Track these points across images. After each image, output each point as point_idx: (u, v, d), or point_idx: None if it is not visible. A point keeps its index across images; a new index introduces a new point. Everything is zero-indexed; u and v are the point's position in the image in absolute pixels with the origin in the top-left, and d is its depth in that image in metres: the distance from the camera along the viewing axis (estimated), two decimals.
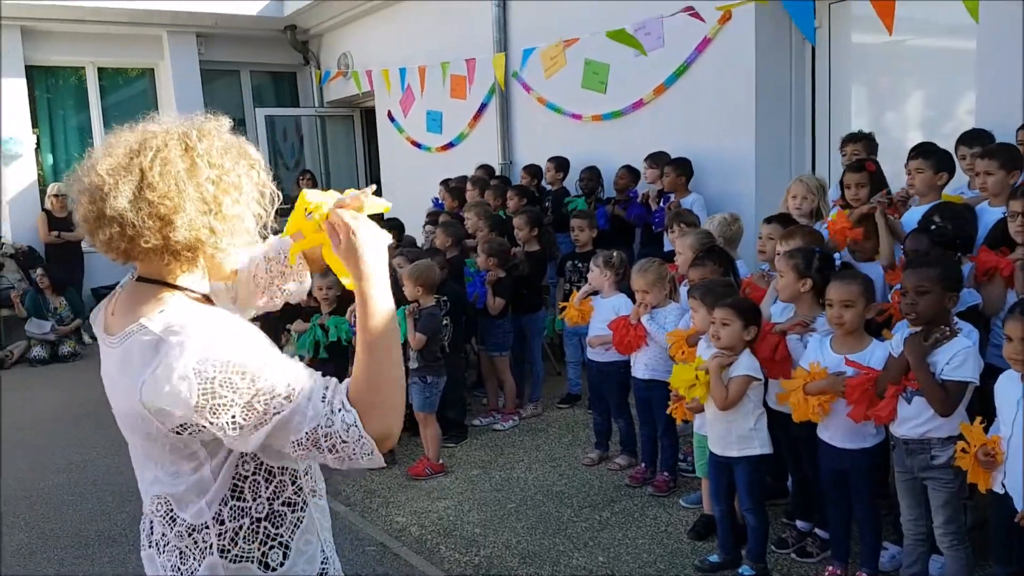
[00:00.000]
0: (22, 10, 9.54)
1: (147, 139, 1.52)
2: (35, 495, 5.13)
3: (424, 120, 9.40)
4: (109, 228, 1.48)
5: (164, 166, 1.49)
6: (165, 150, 1.50)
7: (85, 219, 1.52)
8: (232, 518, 1.55)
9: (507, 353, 5.88)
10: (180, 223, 1.48)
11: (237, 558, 1.56)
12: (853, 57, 5.81)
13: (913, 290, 3.09)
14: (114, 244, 1.51)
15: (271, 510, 1.59)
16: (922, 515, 3.22)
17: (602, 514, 4.33)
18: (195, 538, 1.56)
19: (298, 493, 1.63)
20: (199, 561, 1.56)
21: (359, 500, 4.77)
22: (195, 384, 1.40)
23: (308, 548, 1.64)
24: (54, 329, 9.03)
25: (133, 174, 1.48)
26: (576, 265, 5.94)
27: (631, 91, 6.80)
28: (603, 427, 5.07)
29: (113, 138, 1.56)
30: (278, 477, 1.59)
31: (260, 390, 1.41)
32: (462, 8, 8.58)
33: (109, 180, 1.48)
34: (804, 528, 3.83)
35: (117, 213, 1.46)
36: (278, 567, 1.59)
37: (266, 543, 1.58)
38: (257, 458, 1.57)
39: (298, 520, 1.62)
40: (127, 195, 1.46)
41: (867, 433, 3.31)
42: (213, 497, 1.54)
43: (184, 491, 1.55)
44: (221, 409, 1.41)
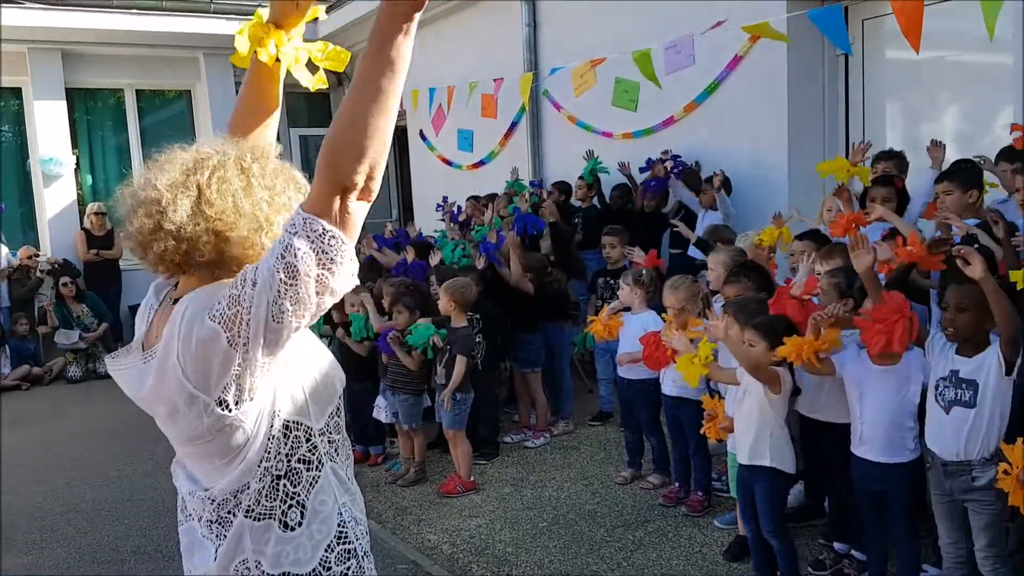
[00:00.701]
0: (62, 34, 9.78)
1: (203, 158, 1.58)
2: (72, 510, 5.20)
3: (455, 139, 9.47)
4: (165, 241, 1.53)
5: (221, 184, 1.55)
6: (222, 170, 1.56)
7: (140, 231, 1.56)
8: (261, 478, 1.59)
9: (539, 369, 5.88)
10: (235, 239, 1.55)
11: (260, 516, 1.60)
12: (887, 72, 5.76)
13: (954, 306, 3.06)
14: (168, 257, 1.56)
15: (289, 467, 1.61)
16: (962, 538, 3.16)
17: (636, 534, 4.30)
18: (238, 499, 1.60)
19: (312, 451, 1.65)
20: (232, 523, 1.60)
21: (391, 518, 4.78)
22: (210, 315, 1.46)
23: (323, 508, 1.66)
24: (82, 337, 9.18)
25: (191, 190, 1.54)
26: (608, 282, 5.93)
27: (662, 108, 6.80)
28: (635, 445, 5.03)
29: (166, 156, 1.61)
30: (293, 432, 1.62)
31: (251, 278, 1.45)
32: (493, 29, 8.66)
33: (167, 195, 1.53)
34: (841, 550, 3.76)
35: (175, 227, 1.52)
36: (296, 527, 1.62)
37: (285, 501, 1.61)
38: (280, 414, 1.59)
39: (313, 479, 1.64)
40: (186, 209, 1.52)
41: (905, 447, 3.26)
42: (252, 459, 1.57)
43: (226, 464, 1.59)
44: (235, 313, 1.44)
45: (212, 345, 1.46)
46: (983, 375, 3.01)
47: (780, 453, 3.51)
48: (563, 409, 6.06)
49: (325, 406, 1.69)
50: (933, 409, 3.16)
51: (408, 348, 5.15)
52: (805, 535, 4.00)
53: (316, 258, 1.41)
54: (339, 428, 1.74)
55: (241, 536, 1.60)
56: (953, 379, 3.08)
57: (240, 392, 1.51)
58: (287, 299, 1.42)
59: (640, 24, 6.84)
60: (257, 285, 1.43)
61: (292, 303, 1.43)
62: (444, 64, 9.41)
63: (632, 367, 4.78)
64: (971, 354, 3.06)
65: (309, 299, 1.44)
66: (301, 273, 1.41)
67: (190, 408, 1.51)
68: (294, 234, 1.40)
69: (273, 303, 1.42)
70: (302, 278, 1.41)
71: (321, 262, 1.41)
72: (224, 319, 1.45)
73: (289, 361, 1.61)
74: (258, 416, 1.56)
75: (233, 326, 1.44)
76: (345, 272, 1.45)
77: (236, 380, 1.49)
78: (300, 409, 1.63)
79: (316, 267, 1.41)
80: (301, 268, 1.40)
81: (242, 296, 1.44)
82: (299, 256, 1.40)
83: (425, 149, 10.23)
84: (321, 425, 1.68)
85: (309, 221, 1.40)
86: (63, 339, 9.15)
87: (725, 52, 6.05)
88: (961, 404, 3.04)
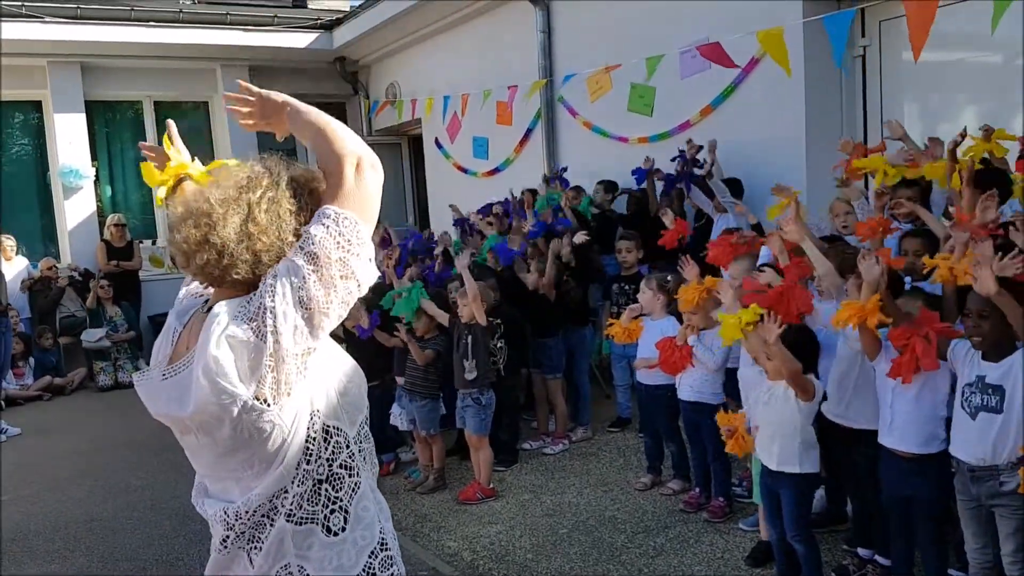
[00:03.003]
0: (82, 47, 9.88)
1: (256, 177, 1.62)
2: (95, 519, 5.23)
3: (470, 146, 9.49)
4: (208, 254, 1.56)
5: (271, 205, 1.59)
6: (274, 190, 1.60)
7: (187, 241, 1.58)
8: (301, 482, 1.59)
9: (560, 376, 5.87)
10: (266, 260, 1.57)
11: (302, 520, 1.60)
12: (904, 74, 5.73)
13: (977, 313, 3.01)
14: (209, 269, 1.58)
15: (331, 472, 1.62)
16: (988, 543, 3.11)
17: (656, 540, 4.28)
18: (274, 503, 1.60)
19: (352, 458, 1.66)
20: (273, 526, 1.60)
21: (411, 525, 4.78)
22: (235, 316, 1.51)
23: (366, 515, 1.67)
24: (108, 335, 9.28)
25: (241, 207, 1.57)
26: (623, 287, 5.91)
27: (678, 113, 6.79)
28: (654, 451, 5.01)
29: (221, 171, 1.67)
30: (334, 438, 1.63)
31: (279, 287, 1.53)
32: (507, 36, 8.68)
33: (219, 209, 1.57)
34: (865, 555, 3.72)
35: (220, 241, 1.55)
36: (340, 532, 1.63)
37: (328, 506, 1.62)
38: (319, 416, 1.61)
39: (355, 485, 1.66)
40: (235, 226, 1.56)
41: (936, 437, 3.23)
42: (291, 460, 1.58)
43: (266, 468, 1.59)
44: (258, 306, 1.50)
45: (241, 340, 1.48)
46: (1010, 381, 2.95)
47: (808, 458, 3.49)
48: (581, 415, 6.04)
49: (356, 414, 1.71)
50: (959, 415, 3.11)
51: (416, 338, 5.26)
52: (828, 540, 3.96)
53: (335, 241, 1.49)
54: (368, 437, 1.75)
55: (283, 540, 1.59)
56: (980, 385, 3.03)
57: (277, 386, 1.52)
58: (313, 284, 1.48)
59: (655, 29, 6.83)
60: (278, 277, 1.49)
61: (319, 288, 1.49)
62: (458, 72, 9.45)
63: (650, 373, 4.76)
64: (997, 359, 3.00)
65: (334, 283, 1.50)
66: (322, 258, 1.49)
67: (228, 409, 1.51)
68: (310, 225, 1.53)
69: (300, 288, 1.48)
70: (323, 262, 1.49)
71: (340, 244, 1.50)
72: (247, 314, 1.50)
73: (322, 366, 1.63)
74: (296, 415, 1.57)
75: (257, 318, 1.48)
76: (364, 252, 1.53)
77: (272, 372, 1.50)
78: (337, 414, 1.65)
79: (336, 250, 1.49)
80: (321, 253, 1.49)
81: (263, 291, 1.50)
82: (317, 242, 1.49)
83: (440, 157, 10.26)
84: (355, 433, 1.69)
85: (322, 209, 1.54)
86: (89, 337, 9.25)
87: (741, 55, 6.03)
88: (988, 410, 3.00)
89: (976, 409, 3.02)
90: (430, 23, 9.67)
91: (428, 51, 10.18)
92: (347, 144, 1.60)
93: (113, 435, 7.12)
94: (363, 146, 1.61)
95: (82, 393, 9.12)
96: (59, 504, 5.55)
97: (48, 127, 10.55)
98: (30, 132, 10.78)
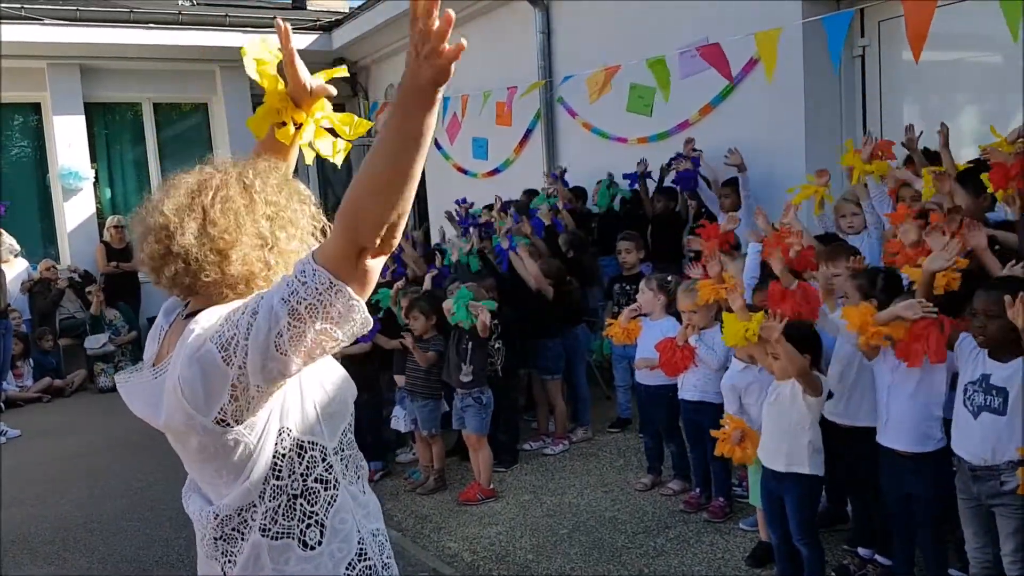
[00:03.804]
0: (81, 49, 9.88)
1: (206, 179, 1.61)
2: (95, 520, 5.23)
3: (470, 147, 9.49)
4: (174, 264, 1.57)
5: (224, 203, 1.57)
6: (225, 188, 1.59)
7: (151, 257, 1.60)
8: (272, 497, 1.59)
9: (559, 376, 5.87)
10: (235, 257, 1.57)
11: (278, 535, 1.59)
12: (904, 74, 5.73)
13: (983, 312, 2.99)
14: (179, 279, 1.59)
15: (305, 487, 1.61)
16: (989, 542, 3.11)
17: (657, 540, 4.27)
18: (243, 517, 1.59)
19: (329, 471, 1.65)
20: (245, 540, 1.60)
21: (411, 526, 4.77)
22: (209, 338, 1.46)
23: (343, 527, 1.65)
24: (112, 340, 9.29)
25: (196, 212, 1.57)
26: (624, 287, 5.92)
27: (677, 113, 6.78)
28: (654, 451, 5.01)
29: (172, 181, 1.65)
30: (308, 452, 1.62)
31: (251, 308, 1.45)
32: (507, 37, 8.67)
33: (174, 219, 1.56)
34: (866, 555, 3.73)
35: (183, 249, 1.55)
36: (316, 545, 1.61)
37: (303, 520, 1.61)
38: (291, 433, 1.59)
39: (331, 498, 1.64)
40: (192, 232, 1.55)
41: (931, 437, 3.23)
42: (258, 476, 1.57)
43: (233, 479, 1.59)
44: (232, 336, 1.43)
45: (208, 365, 1.45)
46: (1015, 383, 2.93)
47: (816, 459, 3.48)
48: (581, 416, 6.04)
49: (338, 423, 1.69)
50: (961, 413, 3.10)
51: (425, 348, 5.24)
52: (828, 540, 3.95)
53: (322, 311, 1.38)
54: (351, 443, 1.74)
55: (259, 555, 1.59)
56: (983, 384, 3.01)
57: (239, 411, 1.50)
58: (290, 336, 1.40)
59: (654, 30, 6.83)
60: (258, 315, 1.41)
61: (295, 342, 1.40)
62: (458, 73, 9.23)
63: (650, 373, 4.76)
64: (1005, 359, 2.98)
65: (313, 344, 1.42)
66: (305, 319, 1.38)
67: (189, 426, 1.52)
68: (303, 283, 1.38)
69: (277, 335, 1.40)
70: (307, 323, 1.39)
71: (328, 316, 1.39)
72: (221, 341, 1.44)
73: (301, 380, 1.61)
74: (263, 432, 1.56)
75: (229, 347, 1.43)
76: (351, 328, 1.43)
77: (233, 400, 1.48)
78: (313, 429, 1.63)
79: (321, 320, 1.38)
80: (305, 316, 1.38)
81: (240, 321, 1.43)
82: (303, 305, 1.38)
83: (440, 158, 10.25)
84: (335, 444, 1.68)
85: (318, 274, 1.37)
86: (92, 343, 9.26)
87: (741, 56, 6.03)
88: (991, 411, 2.98)
89: (979, 408, 3.01)
90: None
91: None
92: (391, 215, 1.36)
93: (113, 437, 7.11)
94: (404, 215, 1.39)
95: (82, 395, 9.13)
96: (59, 506, 5.55)
97: (47, 129, 10.55)
98: (29, 134, 10.78)
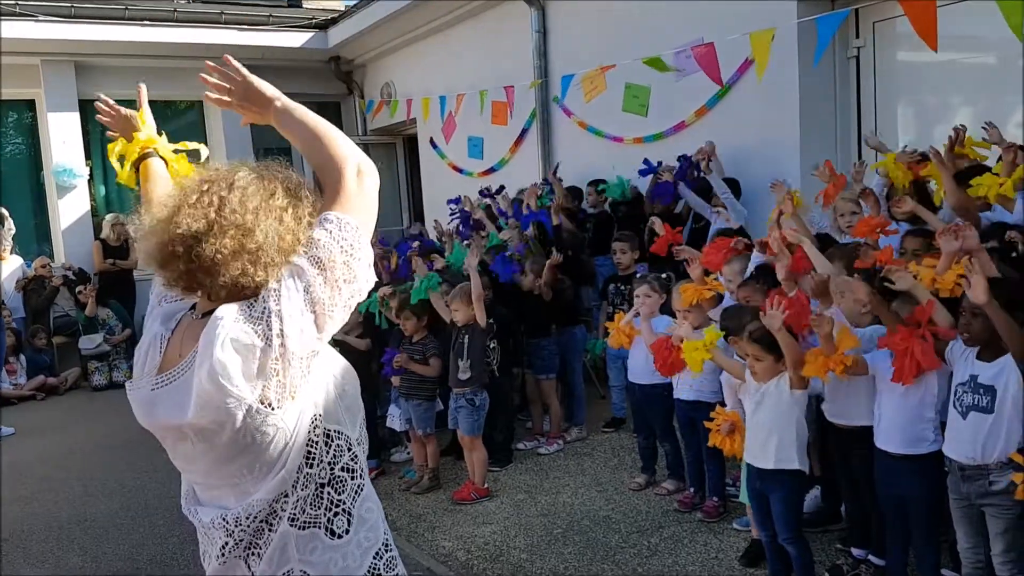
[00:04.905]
0: (75, 46, 9.85)
1: (267, 181, 1.61)
2: (89, 519, 5.22)
3: (466, 146, 9.49)
4: (240, 261, 1.53)
5: (296, 210, 1.60)
6: (283, 194, 1.62)
7: (220, 251, 1.54)
8: (303, 486, 1.58)
9: (554, 376, 5.88)
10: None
11: (306, 525, 1.59)
12: (899, 74, 5.74)
13: (969, 310, 3.02)
14: (242, 280, 1.54)
15: (332, 475, 1.61)
16: (980, 543, 3.12)
17: (651, 540, 4.28)
18: (273, 508, 1.58)
19: (354, 460, 1.66)
20: (274, 531, 1.58)
21: (405, 525, 4.78)
22: (235, 320, 1.48)
23: (370, 516, 1.66)
24: (106, 340, 9.28)
25: (274, 212, 1.57)
26: (619, 288, 5.92)
27: (673, 113, 6.80)
28: (649, 451, 5.02)
29: (229, 178, 1.61)
30: (335, 441, 1.63)
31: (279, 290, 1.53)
32: (503, 36, 8.67)
33: (252, 218, 1.55)
34: (859, 555, 3.73)
35: (257, 245, 1.53)
36: (343, 534, 1.61)
37: (331, 509, 1.61)
38: (321, 420, 1.60)
39: (358, 487, 1.65)
40: (274, 230, 1.56)
41: (923, 439, 3.24)
42: (293, 464, 1.56)
43: (267, 472, 1.56)
44: (263, 309, 1.49)
45: (246, 343, 1.46)
46: (1002, 381, 2.96)
47: (802, 453, 3.50)
48: (576, 416, 6.05)
49: (356, 415, 1.70)
50: (951, 414, 3.13)
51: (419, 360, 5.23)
52: (822, 540, 3.97)
53: (339, 246, 1.51)
54: (366, 438, 1.74)
55: (286, 545, 1.58)
56: (972, 384, 3.04)
57: (282, 390, 1.51)
58: (319, 287, 1.50)
59: (650, 30, 6.83)
60: (283, 281, 1.50)
61: (325, 291, 1.50)
62: (453, 72, 9.44)
63: (644, 372, 4.77)
64: (991, 359, 3.01)
65: (339, 287, 1.51)
66: (326, 262, 1.50)
67: (233, 413, 1.48)
68: (326, 232, 1.53)
69: (306, 291, 1.49)
70: (328, 265, 1.50)
71: (344, 249, 1.52)
72: (254, 318, 1.49)
73: (323, 369, 1.62)
74: (298, 418, 1.56)
75: (262, 319, 1.48)
76: (365, 257, 1.54)
77: (276, 376, 1.49)
78: (339, 418, 1.64)
79: (340, 254, 1.51)
80: (325, 258, 1.50)
81: (267, 295, 1.50)
82: (322, 246, 1.51)
83: (436, 157, 10.25)
84: (356, 435, 1.68)
85: (324, 214, 1.55)
86: (87, 344, 9.24)
87: (736, 56, 6.05)
88: (979, 409, 3.01)
89: (967, 408, 3.04)
90: (425, 23, 9.66)
91: (423, 51, 10.17)
92: (346, 149, 1.61)
93: (107, 435, 7.10)
94: (360, 152, 1.63)
95: (76, 393, 9.11)
96: (53, 504, 5.54)
97: (42, 126, 10.52)
98: (24, 131, 10.74)
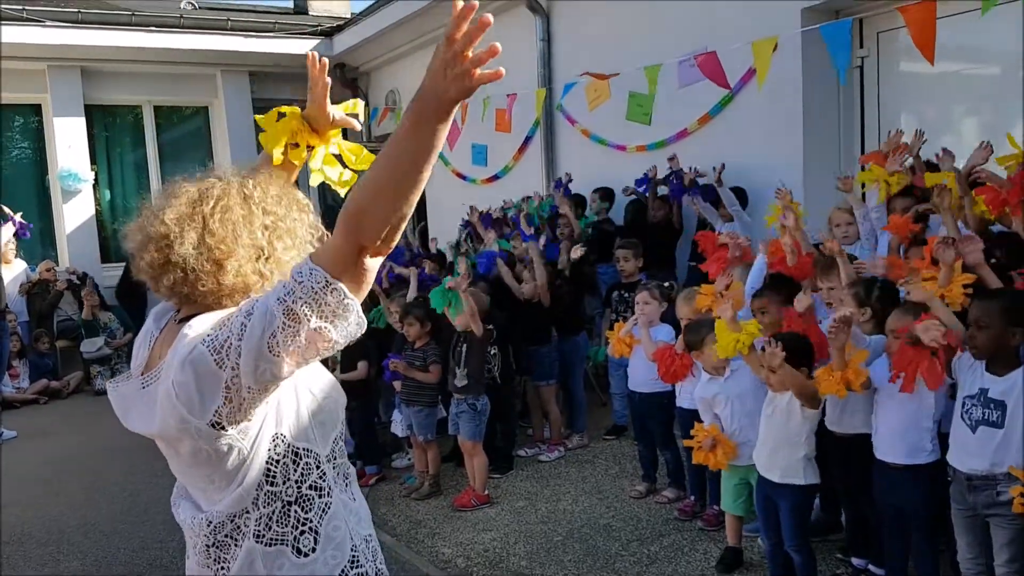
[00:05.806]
0: (82, 51, 9.91)
1: (207, 188, 1.63)
2: (89, 523, 5.22)
3: (470, 153, 9.51)
4: (173, 273, 1.59)
5: (224, 213, 1.60)
6: (225, 198, 1.61)
7: (151, 266, 1.61)
8: (266, 503, 1.59)
9: (554, 382, 5.87)
10: (230, 268, 1.59)
11: (272, 542, 1.60)
12: (902, 85, 5.75)
13: (975, 322, 3.00)
14: (177, 288, 1.61)
15: (300, 494, 1.62)
16: (981, 552, 3.10)
17: (651, 548, 4.27)
18: (236, 523, 1.60)
19: (322, 478, 1.66)
20: (239, 547, 1.60)
21: (405, 531, 4.77)
22: (201, 340, 1.47)
23: (336, 534, 1.66)
24: (107, 343, 9.30)
25: (196, 222, 1.59)
26: (622, 295, 5.91)
27: (676, 122, 6.80)
28: (649, 459, 5.01)
29: (173, 188, 1.66)
30: (303, 459, 1.63)
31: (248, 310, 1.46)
32: (506, 44, 8.58)
33: (175, 228, 1.58)
34: (859, 565, 3.73)
35: (181, 258, 1.57)
36: (310, 552, 1.62)
37: (297, 527, 1.62)
38: (285, 439, 1.60)
39: (325, 505, 1.65)
40: (192, 241, 1.57)
41: (922, 449, 3.24)
42: (251, 482, 1.58)
43: (225, 485, 1.59)
44: (226, 338, 1.45)
45: (201, 368, 1.45)
46: (1013, 396, 2.92)
47: (811, 469, 3.50)
48: (577, 423, 6.04)
49: (330, 431, 1.70)
50: (958, 427, 3.09)
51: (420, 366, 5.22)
52: (822, 549, 3.96)
53: (317, 310, 1.40)
54: (343, 452, 1.75)
55: (252, 562, 1.60)
56: (982, 398, 3.00)
57: (233, 414, 1.50)
58: (284, 337, 1.41)
59: (654, 38, 6.85)
60: (253, 316, 1.42)
61: (289, 342, 1.42)
62: None
63: (645, 380, 4.77)
64: (1002, 372, 2.97)
65: (307, 344, 1.43)
66: (301, 318, 1.40)
67: (183, 430, 1.52)
68: (299, 283, 1.40)
69: (271, 336, 1.41)
70: (302, 323, 1.40)
71: (323, 315, 1.41)
72: (215, 344, 1.45)
73: (296, 387, 1.62)
74: (256, 437, 1.56)
75: (222, 350, 1.44)
76: (346, 327, 1.44)
77: (227, 402, 1.48)
78: (307, 435, 1.64)
79: (316, 319, 1.40)
80: (300, 314, 1.40)
81: (233, 323, 1.45)
82: (299, 304, 1.40)
83: (439, 163, 10.24)
84: (328, 451, 1.68)
85: (315, 273, 1.40)
86: (89, 347, 9.26)
87: (739, 65, 6.06)
88: (989, 424, 2.97)
89: (977, 423, 3.00)
90: (430, 30, 9.68)
91: (428, 58, 9.98)
92: (394, 216, 1.39)
93: (109, 439, 7.09)
94: (406, 218, 1.42)
95: (78, 397, 9.12)
96: (54, 508, 5.54)
97: (48, 131, 10.57)
98: (30, 135, 10.80)
